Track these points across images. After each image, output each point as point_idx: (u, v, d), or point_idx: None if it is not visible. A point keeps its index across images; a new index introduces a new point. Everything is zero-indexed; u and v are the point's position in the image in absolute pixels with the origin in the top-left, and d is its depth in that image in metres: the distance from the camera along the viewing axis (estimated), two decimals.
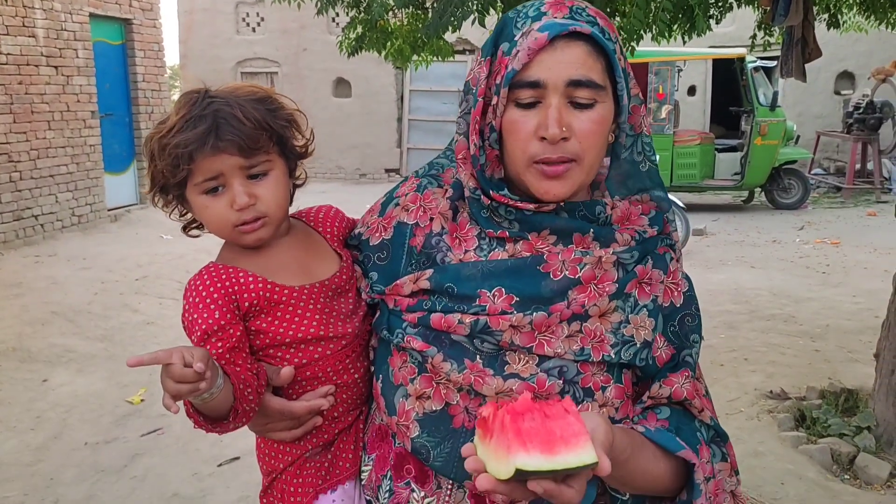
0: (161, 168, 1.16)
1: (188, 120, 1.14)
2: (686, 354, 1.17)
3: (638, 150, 1.17)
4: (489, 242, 1.16)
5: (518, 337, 1.09)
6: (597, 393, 1.11)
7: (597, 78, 1.07)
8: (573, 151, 1.07)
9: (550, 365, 1.10)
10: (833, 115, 14.13)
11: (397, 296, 1.17)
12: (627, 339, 1.12)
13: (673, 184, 11.09)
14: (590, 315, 1.11)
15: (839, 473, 3.57)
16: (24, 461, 3.75)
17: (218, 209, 1.18)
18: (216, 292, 1.16)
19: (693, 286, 1.23)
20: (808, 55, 5.19)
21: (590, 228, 1.13)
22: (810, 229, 9.97)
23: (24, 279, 7.36)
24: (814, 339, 5.44)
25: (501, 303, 1.10)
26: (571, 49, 1.06)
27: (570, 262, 1.11)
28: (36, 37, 9.13)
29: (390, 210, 1.26)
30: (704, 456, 1.12)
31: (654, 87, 11.16)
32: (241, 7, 16.16)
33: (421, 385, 1.13)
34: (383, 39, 5.55)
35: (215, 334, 1.14)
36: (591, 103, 1.07)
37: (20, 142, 8.95)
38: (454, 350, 1.11)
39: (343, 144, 15.95)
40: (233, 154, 1.15)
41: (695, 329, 1.19)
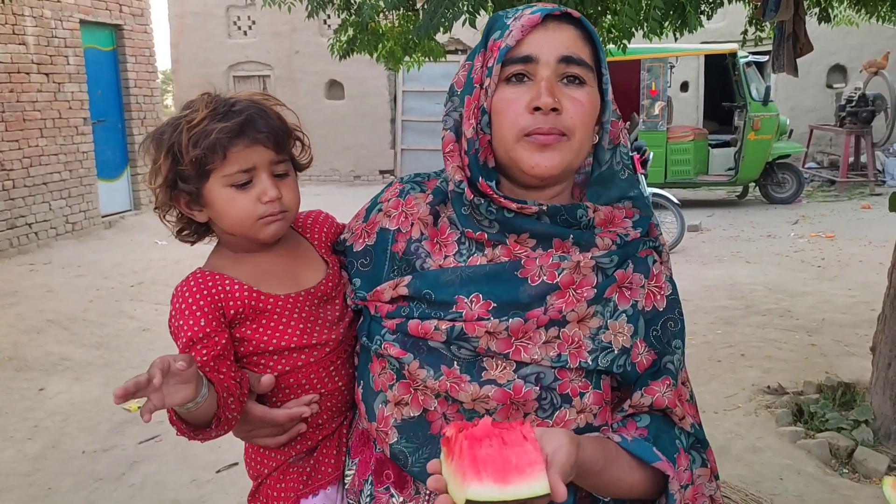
0: (193, 156, 1.16)
1: (218, 114, 1.17)
2: (668, 361, 1.16)
3: (617, 159, 1.18)
4: (468, 247, 1.16)
5: (494, 343, 1.09)
6: (574, 399, 1.10)
7: (586, 58, 1.11)
8: (565, 125, 1.09)
9: (527, 371, 1.09)
10: (826, 109, 14.16)
11: (378, 302, 1.18)
12: (605, 346, 1.11)
13: (667, 180, 11.11)
14: (568, 321, 1.10)
15: (838, 467, 3.57)
16: (22, 471, 3.73)
17: (245, 202, 1.19)
18: (202, 299, 1.17)
19: (677, 290, 1.21)
20: (799, 50, 5.19)
21: (570, 234, 1.13)
22: (805, 223, 9.99)
23: (19, 288, 7.34)
24: (810, 334, 5.45)
25: (479, 309, 1.10)
26: (563, 30, 1.10)
27: (548, 267, 1.11)
28: (26, 44, 9.10)
29: (374, 216, 1.27)
30: (682, 464, 1.11)
31: (646, 83, 11.18)
32: (233, 10, 16.13)
33: (399, 391, 1.13)
34: (374, 41, 5.55)
35: (200, 341, 1.15)
36: (583, 81, 1.10)
37: (12, 150, 8.93)
38: (431, 356, 1.11)
39: (337, 146, 15.94)
40: (268, 147, 1.18)
41: (677, 334, 1.18)
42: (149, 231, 9.76)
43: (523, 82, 1.10)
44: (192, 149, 1.16)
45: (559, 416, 1.10)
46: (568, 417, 1.10)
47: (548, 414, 1.10)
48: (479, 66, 1.15)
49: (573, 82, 1.10)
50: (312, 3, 4.65)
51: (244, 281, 1.21)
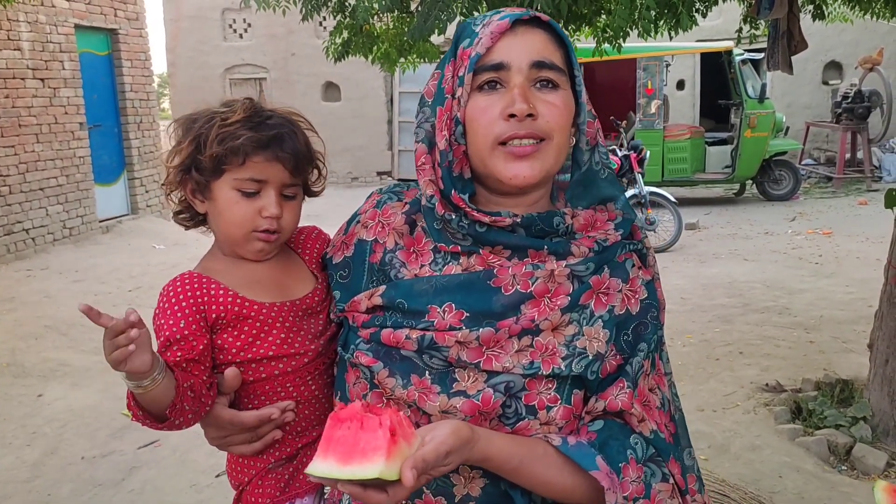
0: (213, 152, 1.19)
1: (253, 122, 1.20)
2: (628, 363, 1.12)
3: (596, 159, 1.16)
4: (444, 256, 1.15)
5: (465, 353, 1.08)
6: (540, 412, 1.08)
7: (558, 61, 1.10)
8: (541, 129, 1.08)
9: (498, 380, 1.07)
10: (822, 106, 14.18)
11: (355, 312, 1.18)
12: (580, 351, 1.08)
13: (664, 178, 11.12)
14: (541, 329, 1.08)
15: (836, 464, 3.58)
16: (21, 478, 3.73)
17: (246, 210, 1.22)
18: (185, 301, 1.19)
19: (655, 294, 1.18)
20: (794, 47, 5.20)
21: (544, 245, 1.11)
22: (802, 220, 10.00)
23: (17, 293, 7.32)
24: (808, 331, 5.45)
25: (451, 318, 1.09)
26: (533, 34, 1.09)
27: (522, 276, 1.09)
28: (21, 49, 9.09)
29: (352, 228, 1.27)
30: (630, 474, 1.06)
31: (642, 82, 11.19)
32: (228, 13, 16.12)
33: (373, 400, 1.12)
34: (369, 44, 5.55)
35: (177, 342, 1.17)
36: (556, 85, 1.10)
37: (8, 156, 8.92)
38: (403, 365, 1.10)
39: (334, 148, 15.90)
40: (286, 167, 1.22)
41: (646, 337, 1.14)
42: (146, 235, 9.75)
43: (496, 90, 1.09)
44: (216, 145, 1.19)
45: (521, 426, 1.08)
46: (530, 427, 1.08)
47: (510, 422, 1.08)
48: (449, 76, 1.13)
49: (546, 86, 1.09)
50: (307, 5, 4.66)
51: (231, 286, 1.22)
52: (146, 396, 1.12)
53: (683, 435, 1.19)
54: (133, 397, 1.13)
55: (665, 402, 1.17)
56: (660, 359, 1.19)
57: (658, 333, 1.17)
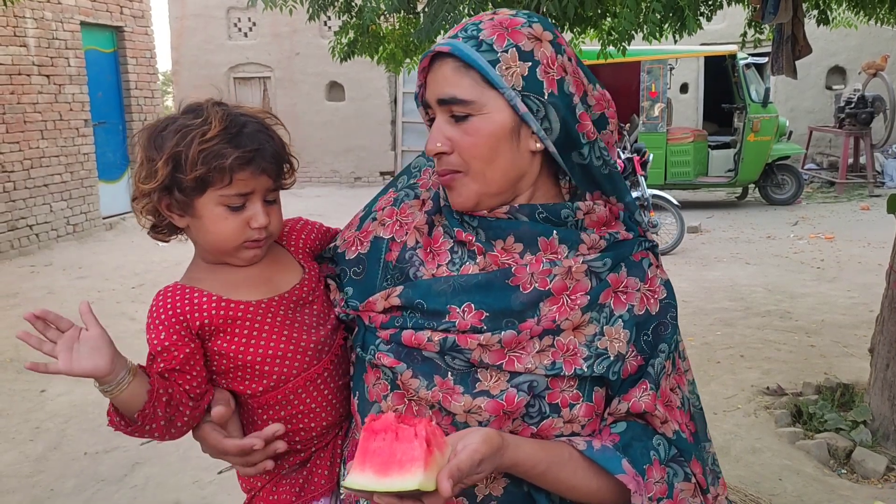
0: (197, 172, 1.15)
1: (230, 134, 1.17)
2: (650, 365, 1.13)
3: (596, 154, 1.13)
4: (461, 256, 1.16)
5: (487, 355, 1.08)
6: (563, 410, 1.09)
7: (462, 93, 1.08)
8: (453, 163, 1.11)
9: (521, 380, 1.08)
10: (825, 110, 14.19)
11: (371, 312, 1.17)
12: (601, 352, 1.10)
13: (667, 181, 11.13)
14: (562, 329, 1.09)
15: (836, 468, 3.59)
16: (24, 472, 3.75)
17: (234, 224, 1.20)
18: (165, 313, 1.18)
19: (673, 293, 1.19)
20: (798, 52, 5.21)
21: (553, 231, 1.12)
22: (804, 224, 10.01)
23: (20, 289, 7.35)
24: (809, 335, 5.46)
25: (471, 318, 1.10)
26: (441, 68, 1.10)
27: (540, 273, 1.10)
28: (27, 46, 9.12)
29: (367, 224, 1.27)
30: (654, 476, 1.08)
31: (646, 85, 11.21)
32: (233, 12, 16.15)
33: (393, 402, 1.13)
34: (375, 44, 5.57)
35: (160, 354, 1.17)
36: (465, 116, 1.10)
37: (13, 152, 8.95)
38: (426, 366, 1.11)
39: (338, 148, 15.96)
40: (270, 177, 1.21)
41: (666, 338, 1.15)
42: None
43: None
44: (200, 165, 1.15)
45: (545, 425, 1.09)
46: (554, 426, 1.09)
47: (534, 421, 1.09)
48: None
49: (459, 119, 1.10)
50: (313, 5, 4.68)
51: (216, 292, 1.21)
52: (118, 401, 1.14)
53: (702, 429, 1.21)
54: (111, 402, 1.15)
55: (685, 401, 1.18)
56: (678, 357, 1.20)
57: (677, 333, 1.18)
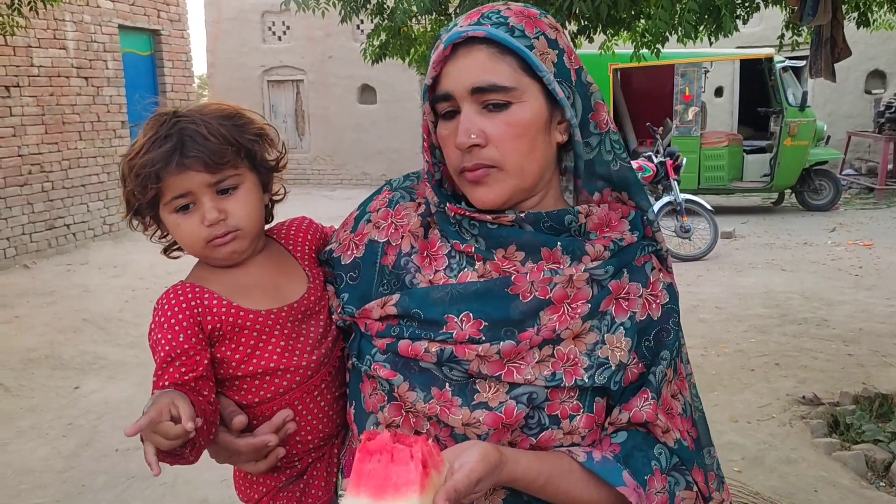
0: (131, 189, 1.15)
1: (154, 140, 1.14)
2: (651, 373, 1.09)
3: (606, 148, 1.11)
4: (459, 261, 1.12)
5: (486, 366, 1.05)
6: (563, 421, 1.06)
7: (502, 80, 1.04)
8: (489, 157, 1.06)
9: (520, 391, 1.05)
10: (864, 115, 13.92)
11: (368, 320, 1.14)
12: (602, 362, 1.06)
13: (700, 186, 10.99)
14: (562, 338, 1.06)
15: (874, 480, 3.49)
16: (56, 468, 3.80)
17: (189, 226, 1.17)
18: (181, 313, 1.14)
19: (676, 299, 1.15)
20: (837, 55, 5.12)
21: (557, 242, 1.09)
22: (842, 231, 9.81)
23: (57, 287, 7.48)
24: (847, 343, 5.34)
25: (469, 328, 1.06)
26: (472, 55, 1.05)
27: (540, 282, 1.06)
28: (67, 49, 9.30)
29: (362, 226, 1.22)
30: (655, 486, 1.05)
31: (680, 88, 11.08)
32: (268, 16, 16.33)
33: (390, 413, 1.10)
34: (407, 46, 5.58)
35: (178, 358, 1.11)
36: (505, 105, 1.05)
37: (52, 152, 9.12)
38: (423, 377, 1.08)
39: (369, 151, 16.03)
40: (199, 171, 1.13)
41: (668, 345, 1.11)
42: None
43: (454, 117, 1.07)
44: (130, 182, 1.14)
45: (544, 436, 1.06)
46: (553, 438, 1.06)
47: (533, 433, 1.06)
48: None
49: (496, 108, 1.05)
50: (346, 7, 4.70)
51: (224, 295, 1.17)
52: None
53: (704, 434, 1.18)
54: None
55: (687, 407, 1.15)
56: (680, 361, 1.16)
57: (679, 338, 1.14)
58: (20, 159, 8.67)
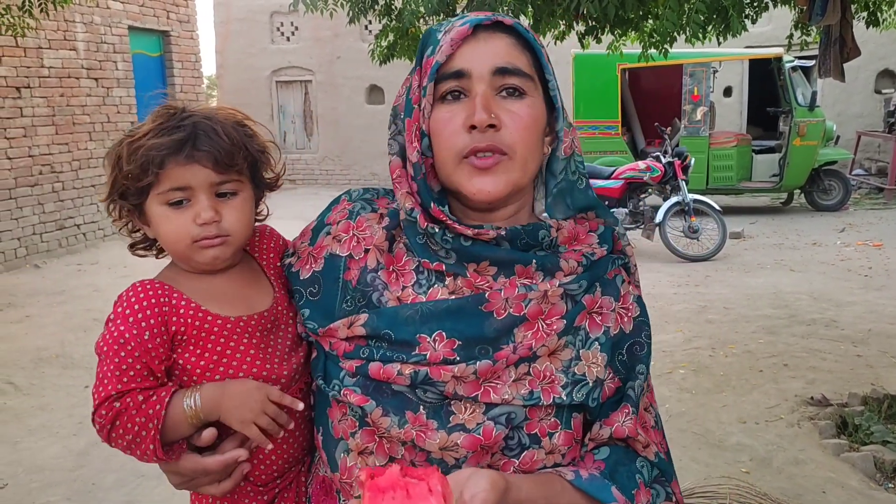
0: (127, 171, 1.10)
1: (164, 128, 1.10)
2: (629, 388, 1.09)
3: (572, 169, 1.11)
4: (428, 277, 1.08)
5: (462, 387, 1.02)
6: (543, 440, 1.04)
7: (524, 67, 1.04)
8: (503, 142, 1.01)
9: (498, 412, 1.02)
10: (874, 115, 13.85)
11: (332, 339, 1.08)
12: (579, 378, 1.05)
13: (709, 186, 10.97)
14: (538, 355, 1.04)
15: (883, 482, 3.48)
16: (67, 466, 3.82)
17: (179, 222, 1.11)
18: (149, 308, 1.08)
19: (646, 310, 1.14)
20: (846, 54, 5.10)
21: (532, 259, 1.06)
22: (852, 231, 9.77)
23: (67, 287, 7.53)
24: (856, 344, 5.32)
25: (443, 348, 1.03)
26: (495, 39, 1.03)
27: (514, 298, 1.03)
28: (77, 50, 9.35)
29: (321, 239, 1.16)
30: (641, 499, 1.05)
31: (688, 88, 11.06)
32: (276, 17, 16.37)
33: (362, 439, 1.05)
34: (414, 47, 5.58)
35: (132, 353, 1.06)
36: (521, 93, 1.03)
37: (62, 153, 9.18)
38: (396, 401, 1.03)
39: (377, 151, 16.05)
40: (206, 167, 1.09)
41: (643, 359, 1.11)
42: None
43: (459, 100, 1.03)
44: (126, 164, 1.09)
45: (526, 456, 1.04)
46: (536, 458, 1.04)
47: (514, 454, 1.04)
48: (416, 86, 1.07)
49: (512, 94, 1.03)
50: (354, 8, 4.71)
51: (193, 298, 1.12)
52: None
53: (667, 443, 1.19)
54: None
55: (658, 420, 1.16)
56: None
57: (651, 351, 1.13)
58: (31, 160, 8.73)
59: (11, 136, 8.47)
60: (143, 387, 1.06)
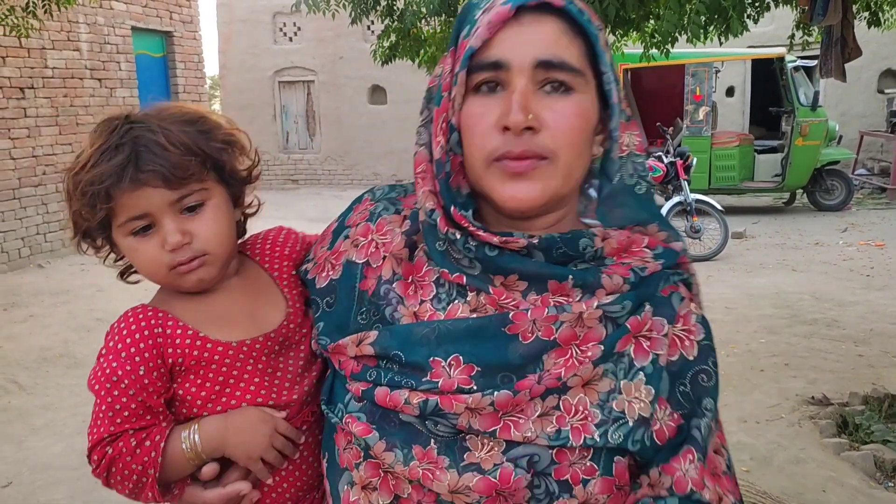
0: (77, 210, 0.99)
1: (104, 151, 0.97)
2: (694, 427, 0.90)
3: (629, 171, 0.97)
4: (448, 291, 0.94)
5: (477, 420, 0.87)
6: (576, 487, 0.87)
7: (573, 60, 0.88)
8: (543, 146, 0.87)
9: (519, 452, 0.87)
10: (877, 115, 13.85)
11: (342, 357, 0.97)
12: (618, 416, 0.88)
13: (711, 186, 10.97)
14: (569, 386, 0.88)
15: (883, 480, 3.49)
16: (71, 465, 3.84)
17: (149, 251, 1.00)
18: (143, 341, 0.99)
19: (711, 333, 0.97)
20: (847, 55, 5.11)
21: (569, 275, 0.90)
22: (854, 231, 9.76)
23: (71, 287, 7.55)
24: (857, 344, 5.33)
25: (458, 374, 0.89)
26: (541, 24, 0.87)
27: (543, 321, 0.88)
28: (80, 50, 9.38)
29: (339, 243, 1.05)
30: None
31: (691, 88, 11.06)
32: (279, 17, 16.40)
33: (367, 472, 0.93)
34: (416, 47, 5.61)
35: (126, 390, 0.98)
36: (568, 89, 0.88)
37: (66, 153, 9.20)
38: (403, 433, 0.91)
39: (379, 151, 16.08)
40: (157, 187, 0.97)
41: (710, 392, 0.93)
42: None
43: (495, 92, 0.88)
44: (75, 200, 0.99)
45: None
46: None
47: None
48: (447, 71, 0.93)
49: (557, 90, 0.88)
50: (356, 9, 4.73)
51: (191, 324, 1.02)
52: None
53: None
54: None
55: (730, 463, 0.97)
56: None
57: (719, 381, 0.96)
58: (35, 160, 8.76)
59: (15, 136, 8.50)
60: (139, 426, 0.99)
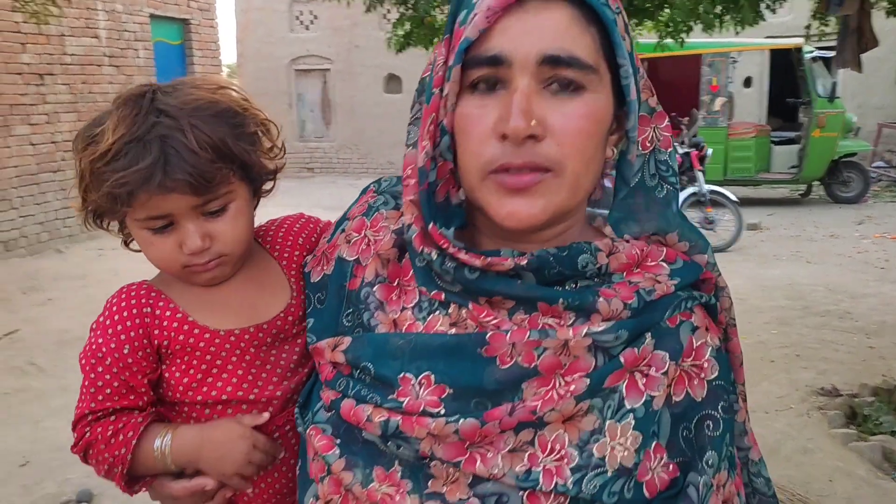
0: (95, 198, 0.94)
1: (128, 143, 0.90)
2: (691, 483, 0.77)
3: (651, 171, 0.84)
4: (430, 300, 0.85)
5: (441, 448, 0.78)
6: None
7: (584, 55, 0.75)
8: (547, 156, 0.75)
9: (487, 490, 0.77)
10: (895, 106, 13.69)
11: (320, 360, 0.90)
12: (597, 462, 0.76)
13: (726, 177, 10.92)
14: (546, 421, 0.77)
15: (890, 471, 3.50)
16: None
17: (165, 249, 0.96)
18: (129, 319, 0.97)
19: (727, 369, 0.84)
20: (864, 45, 5.08)
21: (559, 298, 0.79)
22: (870, 224, 9.70)
23: (89, 271, 7.65)
24: (869, 336, 5.32)
25: (427, 395, 0.79)
26: (548, 10, 0.75)
27: (524, 345, 0.78)
28: (98, 37, 9.46)
29: (337, 236, 0.98)
30: None
31: (707, 78, 11.00)
32: (295, 6, 16.46)
33: (329, 489, 0.85)
34: (431, 35, 5.62)
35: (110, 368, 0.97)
36: (578, 89, 0.76)
37: None
38: (366, 452, 0.82)
39: (394, 140, 16.08)
40: (184, 194, 0.91)
41: (714, 443, 0.79)
42: None
43: (494, 91, 0.77)
44: (92, 190, 0.93)
45: None
46: None
47: None
48: (440, 62, 0.80)
49: (565, 89, 0.76)
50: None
51: (183, 306, 0.98)
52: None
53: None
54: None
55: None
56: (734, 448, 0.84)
57: (732, 426, 0.83)
58: (54, 146, 8.85)
59: (35, 122, 8.59)
60: (120, 406, 0.97)
